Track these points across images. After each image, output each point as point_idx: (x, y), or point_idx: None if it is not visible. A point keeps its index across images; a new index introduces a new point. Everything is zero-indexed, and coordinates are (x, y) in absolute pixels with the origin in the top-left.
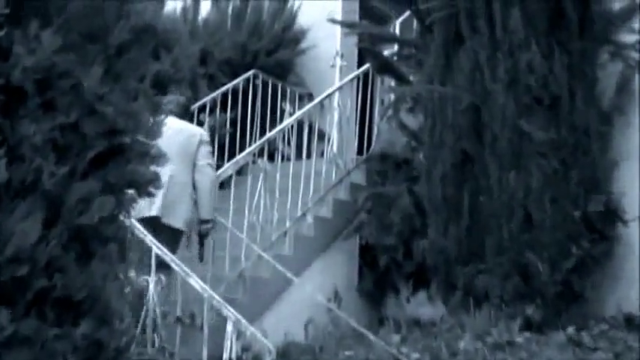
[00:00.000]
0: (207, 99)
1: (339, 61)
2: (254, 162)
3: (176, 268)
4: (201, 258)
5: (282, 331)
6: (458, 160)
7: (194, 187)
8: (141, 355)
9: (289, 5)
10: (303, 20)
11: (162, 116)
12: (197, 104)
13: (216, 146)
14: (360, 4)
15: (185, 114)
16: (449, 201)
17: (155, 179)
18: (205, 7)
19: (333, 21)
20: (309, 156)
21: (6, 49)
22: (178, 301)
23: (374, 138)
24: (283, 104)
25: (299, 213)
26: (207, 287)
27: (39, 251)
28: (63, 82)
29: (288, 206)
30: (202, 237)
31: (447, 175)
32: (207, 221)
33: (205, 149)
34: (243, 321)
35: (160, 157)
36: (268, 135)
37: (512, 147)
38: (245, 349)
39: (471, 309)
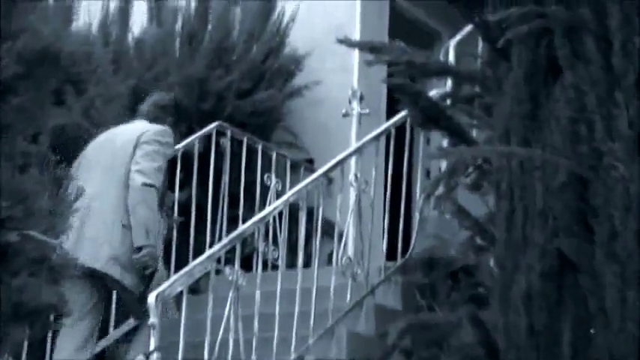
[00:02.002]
0: None
1: (356, 108)
2: (219, 271)
3: None
4: (137, 314)
5: None
6: (552, 267)
7: None
8: None
9: (275, 16)
10: (298, 39)
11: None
12: None
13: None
14: (391, 13)
15: (165, 118)
16: (538, 336)
17: None
18: (139, 20)
19: (346, 42)
20: (307, 263)
21: None
22: None
23: (413, 233)
24: (266, 177)
25: (292, 357)
26: None
27: None
28: None
29: (275, 344)
30: (144, 275)
31: (533, 293)
32: (139, 249)
33: (141, 151)
34: None
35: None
36: (242, 228)
37: None
38: None
39: None
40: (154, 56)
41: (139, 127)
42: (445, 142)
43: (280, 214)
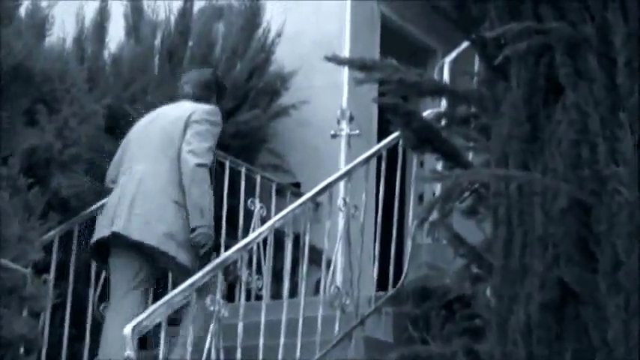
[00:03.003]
0: None
1: (345, 128)
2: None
3: None
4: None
5: None
6: (552, 298)
7: None
8: None
9: (261, 32)
10: (284, 56)
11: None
12: (99, 204)
13: None
14: (382, 28)
15: (208, 96)
16: None
17: None
18: (116, 36)
19: (335, 59)
20: (293, 293)
21: None
22: None
23: (406, 261)
24: (250, 202)
25: None
26: None
27: None
28: None
29: None
30: (200, 254)
31: (532, 325)
32: (193, 229)
33: (192, 130)
34: None
35: None
36: (224, 255)
37: None
38: None
39: None
40: (131, 74)
41: (187, 106)
42: (439, 165)
43: (265, 240)
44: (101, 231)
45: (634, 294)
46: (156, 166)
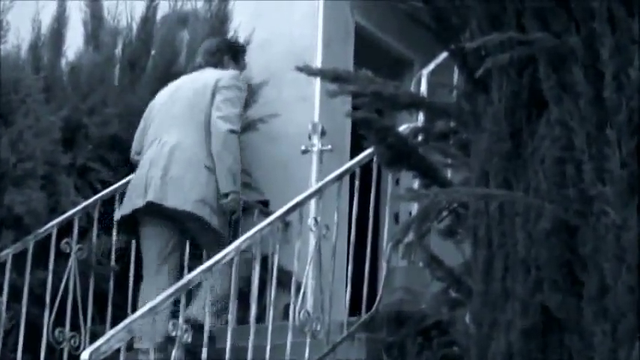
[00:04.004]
0: (73, 211)
1: (317, 144)
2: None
3: None
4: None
5: None
6: (535, 324)
7: None
8: None
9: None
10: (253, 67)
11: None
12: (56, 221)
13: (90, 297)
14: (356, 38)
15: (219, 58)
16: None
17: None
18: (74, 44)
19: (307, 70)
20: (261, 318)
21: None
22: None
23: (380, 284)
24: None
25: None
26: None
27: None
28: None
29: None
30: (231, 220)
31: (514, 352)
32: (225, 195)
33: (221, 96)
34: None
35: None
36: (187, 277)
37: (637, 302)
38: None
39: None
40: (90, 84)
41: (212, 73)
42: (416, 184)
43: (231, 262)
44: (133, 203)
45: (621, 321)
46: (185, 133)
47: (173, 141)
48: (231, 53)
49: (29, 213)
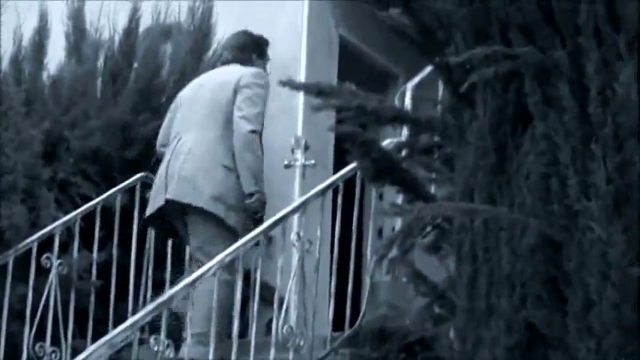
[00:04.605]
0: (54, 226)
1: (300, 158)
2: (143, 342)
3: None
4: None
5: None
6: (520, 341)
7: None
8: None
9: (210, 53)
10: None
11: None
12: (36, 236)
13: (71, 311)
14: (340, 52)
15: (248, 58)
16: None
17: None
18: (56, 56)
19: (290, 84)
20: (244, 333)
21: None
22: None
23: (363, 299)
24: None
25: None
26: None
27: None
28: None
29: None
30: (255, 219)
31: None
32: (250, 195)
33: (242, 95)
34: None
35: None
36: (170, 292)
37: (622, 318)
38: None
39: None
40: (71, 97)
41: (235, 70)
42: (400, 199)
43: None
44: (156, 203)
45: (606, 337)
46: (204, 131)
47: (192, 139)
48: (258, 49)
49: (11, 227)
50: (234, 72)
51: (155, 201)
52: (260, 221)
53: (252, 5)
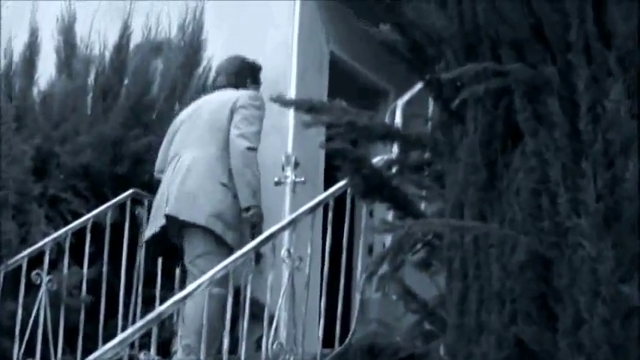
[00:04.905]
0: (44, 242)
1: (290, 175)
2: (133, 358)
3: None
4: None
5: None
6: (510, 357)
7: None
8: None
9: (201, 70)
10: None
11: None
12: (26, 252)
13: (61, 328)
14: (331, 68)
15: (243, 82)
16: None
17: None
18: (47, 72)
19: (280, 100)
20: (234, 350)
21: None
22: None
23: (354, 316)
24: None
25: None
26: None
27: None
28: None
29: None
30: (252, 233)
31: None
32: (247, 209)
33: (240, 115)
34: None
35: None
36: (160, 309)
37: (612, 335)
38: None
39: None
40: (62, 112)
41: (230, 93)
42: (390, 215)
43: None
44: (157, 223)
45: (596, 354)
46: (203, 150)
47: (190, 157)
48: (252, 75)
49: (2, 243)
50: (231, 94)
51: (156, 219)
52: (258, 235)
53: (243, 21)
